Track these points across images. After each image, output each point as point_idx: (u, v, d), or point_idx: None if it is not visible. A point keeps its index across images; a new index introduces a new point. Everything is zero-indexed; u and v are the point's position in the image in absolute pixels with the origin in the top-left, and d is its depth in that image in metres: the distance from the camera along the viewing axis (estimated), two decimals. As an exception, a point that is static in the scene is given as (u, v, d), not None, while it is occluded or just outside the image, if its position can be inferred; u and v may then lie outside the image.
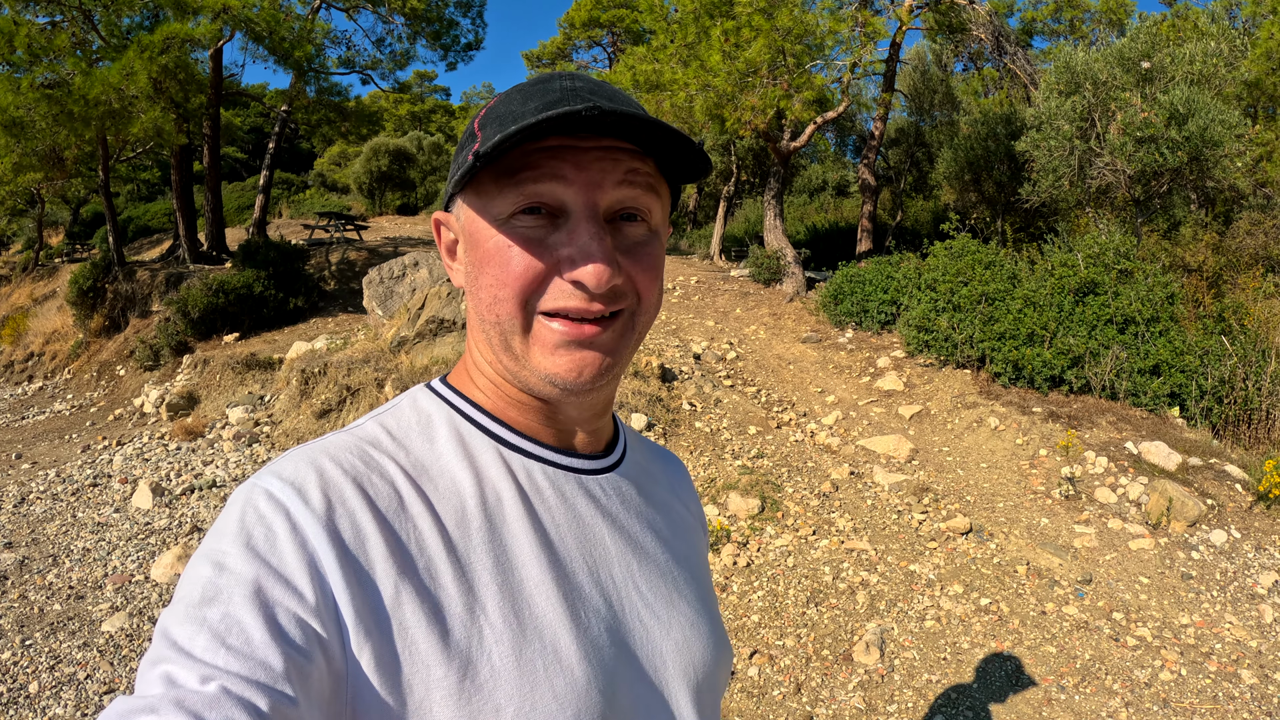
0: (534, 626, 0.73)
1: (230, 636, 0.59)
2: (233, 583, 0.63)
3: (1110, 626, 4.72)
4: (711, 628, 0.92)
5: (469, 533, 0.74)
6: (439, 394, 0.84)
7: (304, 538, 0.66)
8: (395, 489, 0.73)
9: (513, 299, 0.73)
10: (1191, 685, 4.21)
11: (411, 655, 0.67)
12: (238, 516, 0.68)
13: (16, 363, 15.10)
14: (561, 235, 0.73)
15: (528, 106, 0.72)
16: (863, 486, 6.52)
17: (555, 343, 0.75)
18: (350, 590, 0.66)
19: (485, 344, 0.79)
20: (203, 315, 12.08)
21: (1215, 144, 9.04)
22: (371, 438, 0.77)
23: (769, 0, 9.52)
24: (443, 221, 0.83)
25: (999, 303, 8.36)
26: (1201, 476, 6.57)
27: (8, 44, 11.07)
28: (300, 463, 0.72)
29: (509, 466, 0.80)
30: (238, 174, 30.98)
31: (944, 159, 14.08)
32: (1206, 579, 5.31)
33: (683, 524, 0.98)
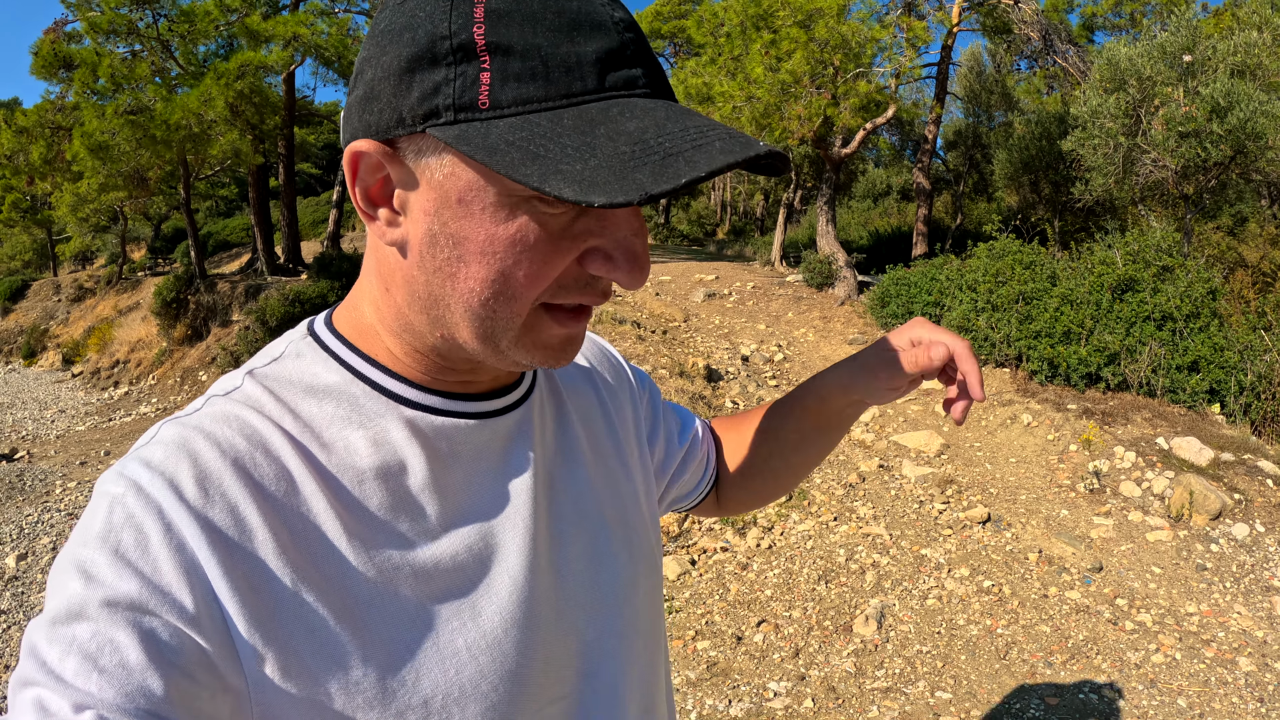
0: (451, 605, 0.69)
1: (104, 658, 0.54)
2: (102, 596, 0.56)
3: (1111, 611, 4.87)
4: (639, 544, 0.88)
5: (371, 509, 0.67)
6: (326, 346, 0.72)
7: (180, 540, 0.59)
8: (283, 465, 0.65)
9: (525, 298, 0.62)
10: (1184, 669, 4.32)
11: (323, 656, 0.62)
12: (104, 516, 0.60)
13: (103, 370, 16.21)
14: (591, 222, 0.62)
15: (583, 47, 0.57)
16: (889, 478, 6.76)
17: (555, 340, 0.67)
18: (240, 595, 0.60)
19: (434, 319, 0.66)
20: (280, 324, 12.85)
21: (1258, 136, 8.97)
22: (253, 399, 0.68)
23: (806, 13, 9.81)
24: (369, 155, 0.62)
25: (1036, 301, 8.48)
26: (1233, 472, 6.61)
27: (92, 74, 12.02)
28: (171, 446, 0.63)
29: (414, 428, 0.70)
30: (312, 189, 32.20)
31: (999, 160, 14.11)
32: (1222, 571, 5.38)
33: (605, 430, 0.91)
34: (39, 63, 13.21)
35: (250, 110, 13.25)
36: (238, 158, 13.17)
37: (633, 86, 0.58)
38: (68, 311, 21.90)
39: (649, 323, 10.09)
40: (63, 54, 13.18)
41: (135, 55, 13.64)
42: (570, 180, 0.52)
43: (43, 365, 20.17)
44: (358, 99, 0.62)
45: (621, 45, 0.58)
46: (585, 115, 0.55)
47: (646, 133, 0.55)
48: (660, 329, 9.95)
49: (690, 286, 13.37)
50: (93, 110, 12.37)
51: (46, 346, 20.94)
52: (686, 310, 11.47)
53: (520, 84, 0.55)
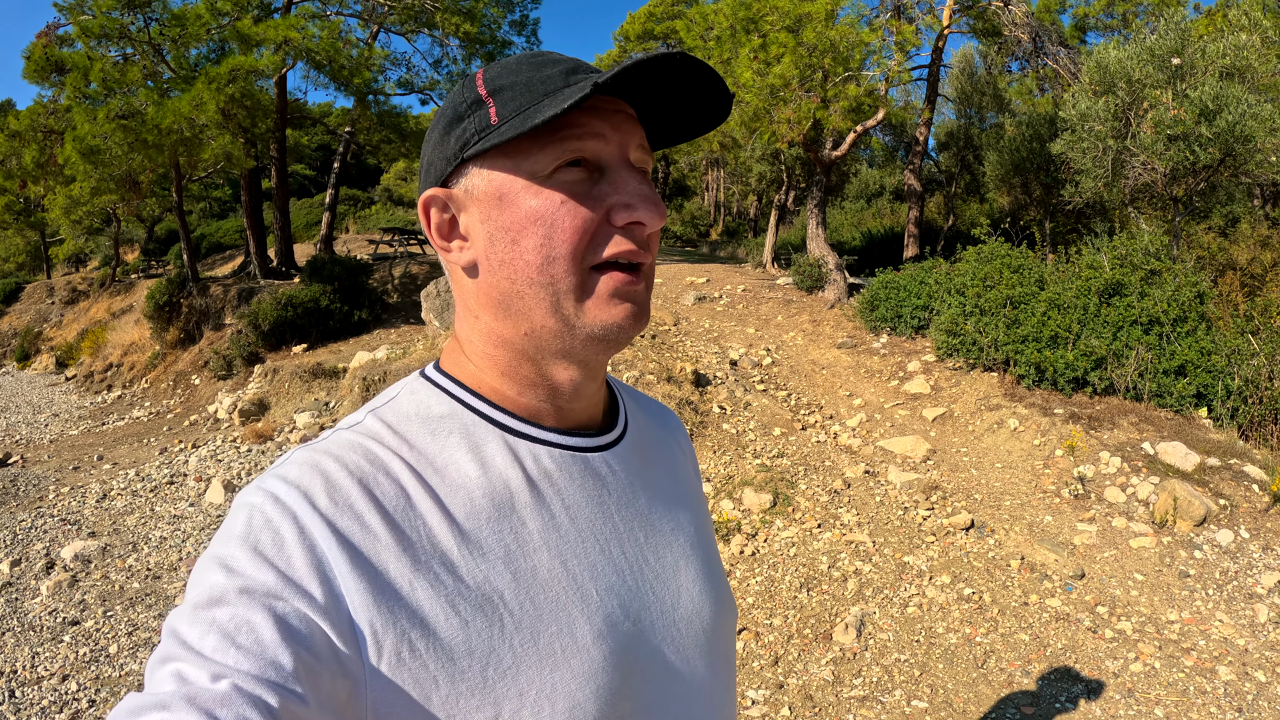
0: (549, 611, 0.75)
1: (240, 636, 0.61)
2: (242, 585, 0.64)
3: (1091, 619, 4.88)
4: (717, 588, 0.95)
5: (479, 524, 0.75)
6: (435, 383, 0.84)
7: (312, 541, 0.67)
8: (401, 486, 0.74)
9: (569, 256, 0.75)
10: (1163, 678, 4.32)
11: (434, 650, 0.69)
12: (244, 521, 0.68)
13: (96, 373, 16.26)
14: (605, 187, 0.76)
15: (550, 72, 0.76)
16: (875, 485, 6.77)
17: (611, 292, 0.77)
18: (363, 592, 0.67)
19: (515, 315, 0.79)
20: (273, 327, 12.88)
21: (1247, 139, 8.98)
22: (373, 433, 0.78)
23: (795, 17, 9.81)
24: (438, 198, 0.80)
25: (1024, 306, 8.50)
26: (1218, 477, 6.60)
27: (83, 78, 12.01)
28: (304, 465, 0.73)
29: (515, 453, 0.80)
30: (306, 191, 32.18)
31: (990, 162, 14.12)
32: (1204, 578, 5.38)
33: (684, 483, 1.01)
34: (31, 67, 13.21)
35: (242, 114, 13.24)
36: (229, 161, 13.19)
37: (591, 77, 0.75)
38: (61, 314, 21.97)
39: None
40: (55, 58, 13.17)
41: (127, 59, 13.62)
42: (545, 110, 0.71)
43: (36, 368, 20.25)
44: (422, 175, 0.83)
45: (578, 65, 0.78)
46: (558, 93, 0.73)
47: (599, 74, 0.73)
48: (649, 333, 9.96)
49: (681, 289, 13.37)
50: (84, 114, 12.37)
51: (40, 349, 21.04)
52: (677, 314, 11.47)
53: (515, 100, 0.75)
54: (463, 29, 14.57)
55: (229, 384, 12.75)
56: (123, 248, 24.79)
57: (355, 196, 29.30)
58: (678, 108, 0.82)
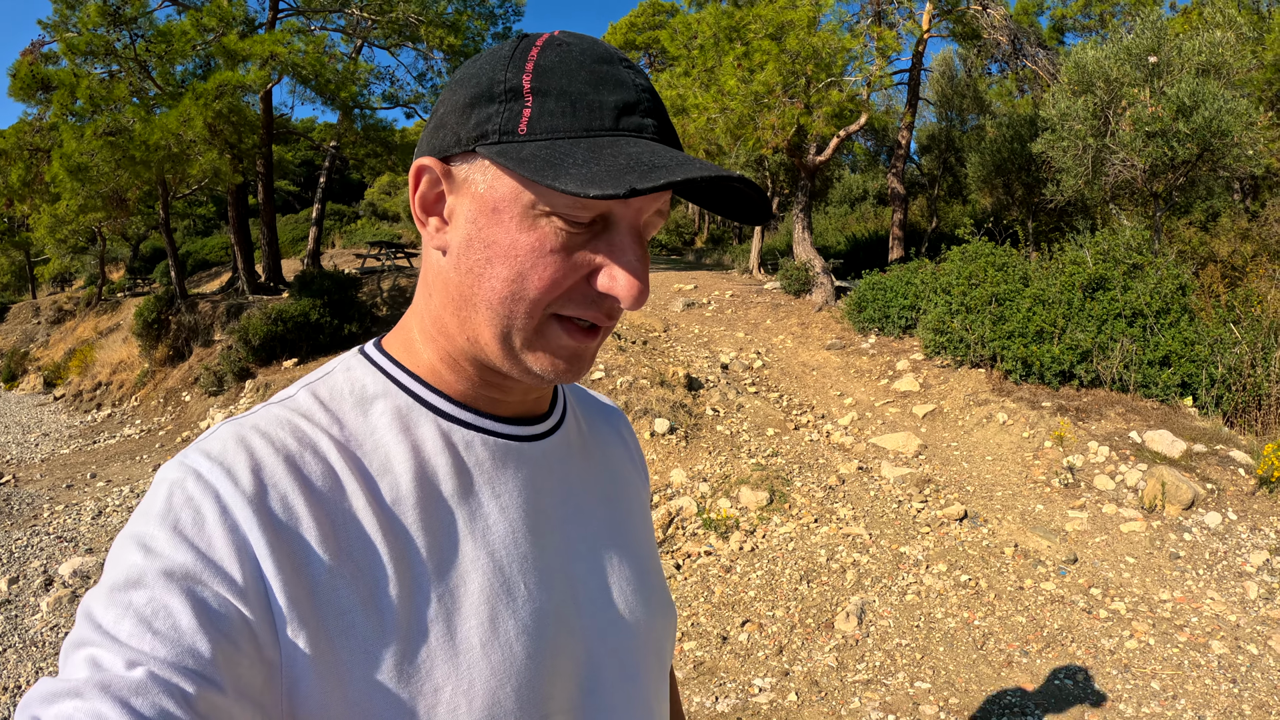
0: (470, 603, 0.74)
1: (157, 621, 0.59)
2: (159, 566, 0.62)
3: (1085, 600, 4.99)
4: (652, 591, 0.93)
5: (404, 510, 0.73)
6: (374, 362, 0.81)
7: (234, 521, 0.65)
8: (329, 466, 0.72)
9: (534, 302, 0.71)
10: (1157, 653, 4.43)
11: (349, 638, 0.67)
12: (165, 498, 0.66)
13: (85, 392, 16.20)
14: (601, 244, 0.71)
15: (604, 99, 0.69)
16: (868, 480, 6.87)
17: (563, 351, 0.74)
18: (283, 575, 0.65)
19: (462, 320, 0.76)
20: (263, 343, 12.85)
21: (1224, 134, 9.17)
22: (304, 409, 0.76)
23: (777, 25, 9.95)
24: (432, 171, 0.74)
25: (1009, 302, 8.63)
26: (1205, 462, 6.73)
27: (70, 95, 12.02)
28: (229, 441, 0.70)
29: (448, 439, 0.78)
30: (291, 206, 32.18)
31: (972, 163, 14.31)
32: (1195, 558, 5.51)
33: (624, 483, 0.99)
34: (17, 85, 13.20)
35: (229, 129, 13.27)
36: (217, 177, 13.21)
37: (641, 131, 0.69)
38: (48, 334, 21.91)
39: (629, 333, 10.18)
40: (41, 75, 13.17)
41: (113, 76, 13.64)
42: (574, 180, 0.63)
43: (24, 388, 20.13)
44: (430, 128, 0.76)
45: (637, 100, 0.70)
46: (598, 143, 0.66)
47: (643, 155, 0.66)
48: (640, 339, 10.04)
49: (669, 296, 13.47)
50: (71, 131, 12.37)
51: (27, 369, 20.95)
52: (666, 320, 11.56)
53: (552, 118, 0.67)
54: (446, 42, 14.65)
55: (220, 399, 12.74)
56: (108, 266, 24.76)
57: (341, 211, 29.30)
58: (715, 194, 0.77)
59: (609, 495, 0.93)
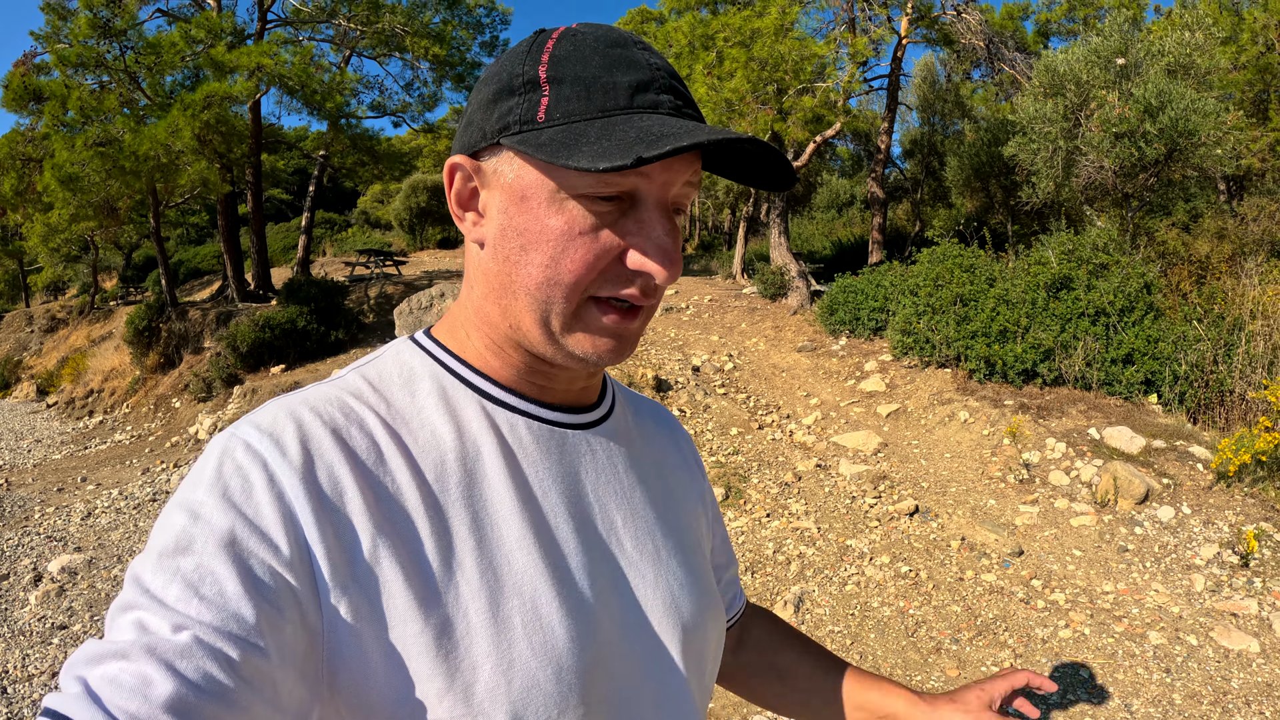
0: (513, 583, 0.73)
1: (204, 587, 0.60)
2: (207, 533, 0.63)
3: (1025, 591, 5.05)
4: (698, 583, 0.92)
5: (447, 487, 0.74)
6: (422, 346, 0.84)
7: (281, 489, 0.66)
8: (374, 441, 0.73)
9: (570, 285, 0.73)
10: (1091, 643, 4.48)
11: (390, 610, 0.68)
12: (214, 466, 0.68)
13: (77, 399, 16.41)
14: (630, 223, 0.73)
15: (619, 80, 0.71)
16: (825, 477, 6.96)
17: (604, 332, 0.76)
18: (327, 543, 0.66)
19: (504, 308, 0.78)
20: (251, 349, 13.03)
21: (1190, 134, 9.24)
22: (353, 388, 0.77)
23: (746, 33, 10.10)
24: (464, 168, 0.78)
25: (973, 303, 8.72)
26: (1163, 458, 6.78)
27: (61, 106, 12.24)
28: (279, 413, 0.71)
29: (492, 420, 0.79)
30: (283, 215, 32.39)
31: (952, 167, 14.41)
32: (1143, 551, 5.54)
33: (675, 480, 0.98)
34: (9, 96, 13.44)
35: (218, 139, 13.46)
36: (205, 186, 13.40)
37: (657, 107, 0.72)
38: (41, 342, 22.16)
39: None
40: (33, 86, 13.40)
41: (104, 87, 13.86)
42: (586, 156, 0.65)
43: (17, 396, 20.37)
44: (460, 128, 0.79)
45: (651, 78, 0.72)
46: (612, 122, 0.69)
47: (653, 127, 0.68)
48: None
49: (651, 300, 13.54)
50: (63, 142, 12.58)
51: (20, 378, 21.14)
52: (645, 323, 11.68)
53: (568, 103, 0.70)
54: (432, 52, 14.83)
55: (209, 405, 12.90)
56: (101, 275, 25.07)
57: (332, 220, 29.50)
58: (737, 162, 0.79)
59: (658, 490, 0.93)
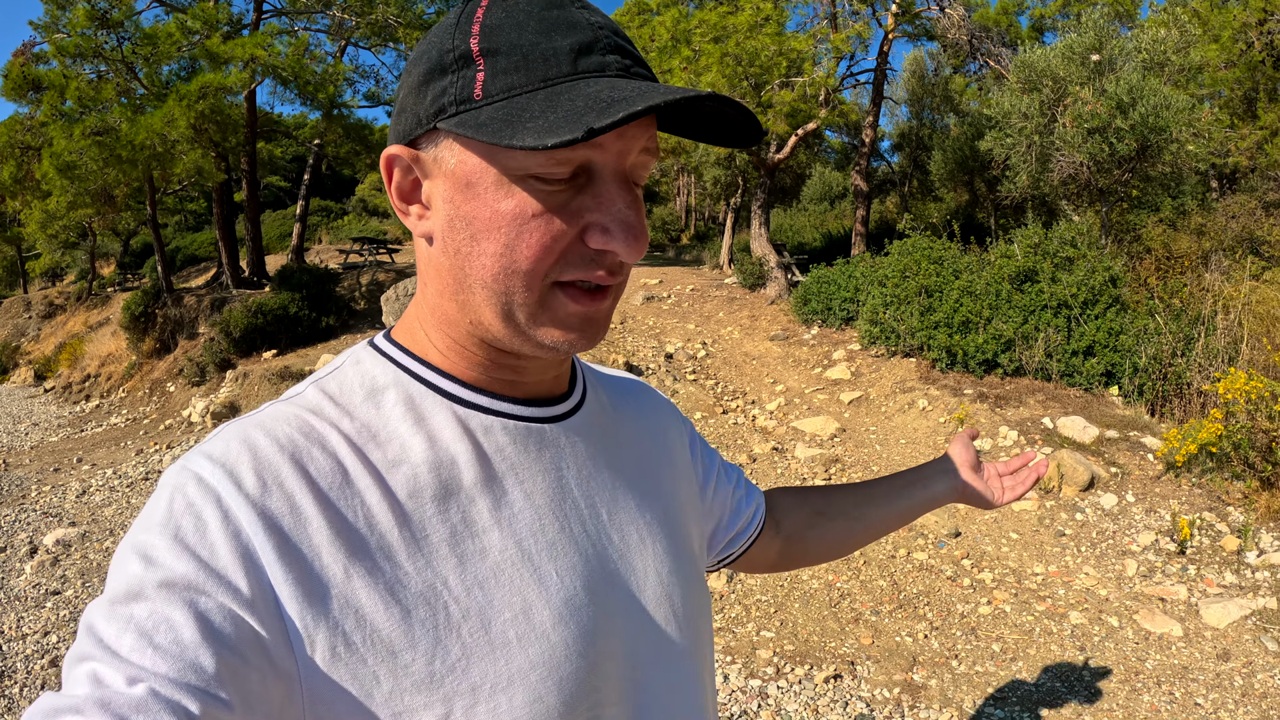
0: (501, 595, 0.70)
1: (158, 635, 0.58)
2: (160, 578, 0.60)
3: (954, 570, 5.22)
4: (685, 568, 0.90)
5: (422, 503, 0.70)
6: (383, 352, 0.79)
7: (237, 526, 0.63)
8: (338, 461, 0.69)
9: (529, 273, 0.67)
10: (1010, 620, 4.61)
11: (374, 643, 0.64)
12: (165, 504, 0.64)
13: (74, 384, 16.72)
14: (587, 198, 0.67)
15: (558, 44, 0.65)
16: (779, 459, 7.15)
17: (574, 318, 0.71)
18: (292, 581, 0.63)
19: (461, 304, 0.73)
20: (244, 334, 13.28)
21: (1161, 129, 9.37)
22: (312, 405, 0.73)
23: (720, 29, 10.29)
24: (401, 160, 0.71)
25: (938, 294, 8.89)
26: (1115, 448, 6.92)
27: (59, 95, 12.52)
28: (232, 441, 0.67)
29: (465, 426, 0.75)
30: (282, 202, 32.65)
31: (935, 161, 14.55)
32: (1081, 537, 5.67)
33: (656, 458, 0.94)
34: (8, 85, 13.74)
35: (213, 129, 13.72)
36: (200, 176, 13.67)
37: (604, 70, 0.66)
38: (39, 328, 22.49)
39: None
40: (31, 76, 13.70)
41: (101, 77, 14.14)
42: (532, 133, 0.60)
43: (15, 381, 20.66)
44: (394, 118, 0.74)
45: (594, 39, 0.66)
46: (556, 91, 0.63)
47: (602, 93, 0.62)
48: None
49: (632, 290, 13.81)
50: (61, 131, 12.86)
51: (18, 363, 21.42)
52: (624, 313, 11.89)
53: (507, 76, 0.64)
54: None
55: (202, 389, 13.16)
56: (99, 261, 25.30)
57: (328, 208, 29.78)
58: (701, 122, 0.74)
59: (639, 473, 0.89)
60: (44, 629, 5.20)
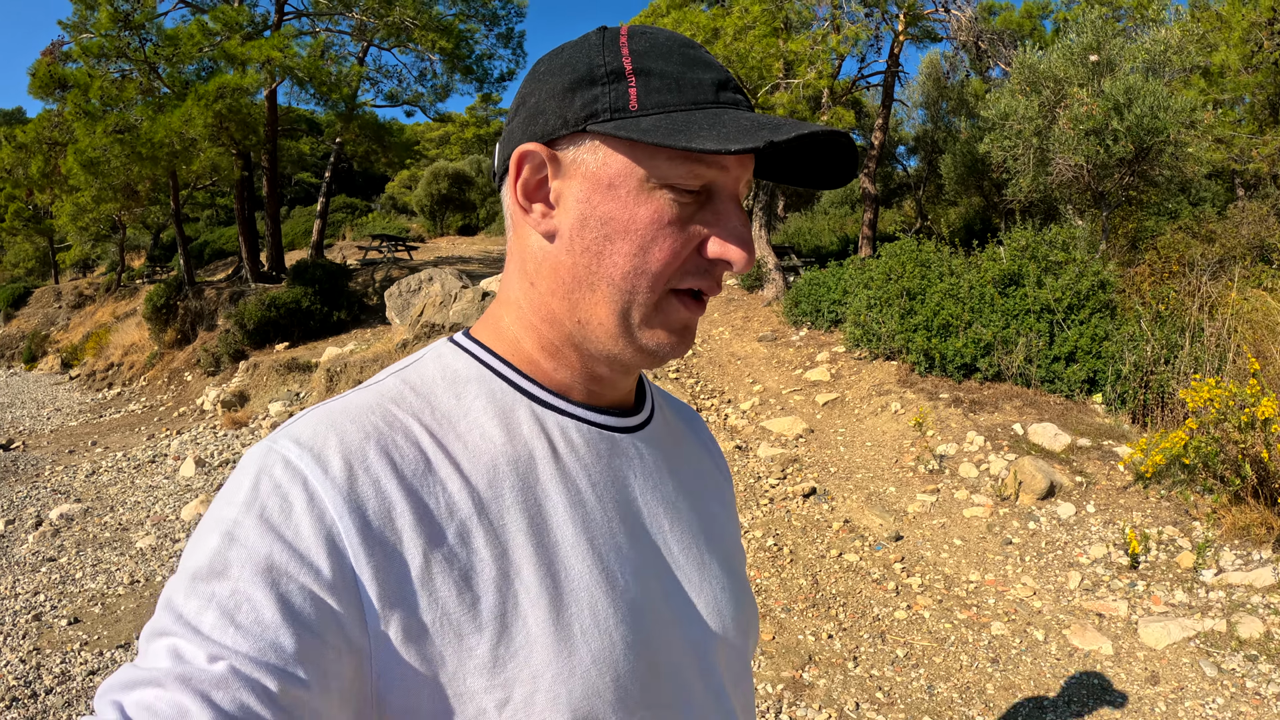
0: (570, 589, 0.72)
1: (240, 614, 0.59)
2: (244, 556, 0.61)
3: (883, 573, 5.17)
4: (739, 588, 0.92)
5: (501, 492, 0.72)
6: (465, 348, 0.81)
7: (322, 509, 0.64)
8: (421, 450, 0.71)
9: (656, 275, 0.72)
10: (925, 626, 4.54)
11: (443, 625, 0.66)
12: (251, 484, 0.65)
13: (98, 372, 17.29)
14: (708, 214, 0.73)
15: (701, 77, 0.72)
16: (741, 457, 7.16)
17: (679, 323, 0.76)
18: (374, 565, 0.64)
19: (574, 302, 0.76)
20: (257, 327, 13.64)
21: (1157, 131, 9.17)
22: (394, 393, 0.75)
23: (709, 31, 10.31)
24: (537, 156, 0.75)
25: (920, 297, 8.81)
26: (1086, 457, 6.76)
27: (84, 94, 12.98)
28: (319, 425, 0.69)
29: (542, 424, 0.78)
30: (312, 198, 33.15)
31: (945, 164, 14.37)
32: (1028, 546, 5.51)
33: (710, 480, 0.98)
34: (35, 83, 14.29)
35: (234, 127, 14.10)
36: (216, 172, 14.06)
37: (738, 105, 0.73)
38: (68, 318, 23.23)
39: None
40: (58, 75, 14.23)
41: (125, 76, 14.62)
42: (710, 139, 0.65)
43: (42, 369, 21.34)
44: (521, 121, 0.76)
45: (727, 78, 0.74)
46: (711, 113, 0.70)
47: (760, 119, 0.69)
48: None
49: (636, 289, 13.84)
50: (85, 128, 13.35)
51: (47, 351, 22.14)
52: (622, 311, 11.97)
53: (659, 94, 0.71)
54: (439, 45, 15.29)
55: (216, 379, 13.56)
56: (129, 254, 26.15)
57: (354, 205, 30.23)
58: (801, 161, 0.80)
59: (697, 492, 0.92)
60: (34, 589, 5.66)
